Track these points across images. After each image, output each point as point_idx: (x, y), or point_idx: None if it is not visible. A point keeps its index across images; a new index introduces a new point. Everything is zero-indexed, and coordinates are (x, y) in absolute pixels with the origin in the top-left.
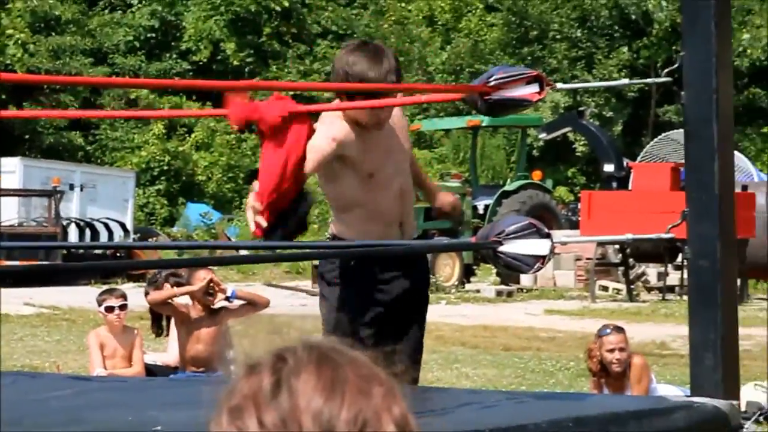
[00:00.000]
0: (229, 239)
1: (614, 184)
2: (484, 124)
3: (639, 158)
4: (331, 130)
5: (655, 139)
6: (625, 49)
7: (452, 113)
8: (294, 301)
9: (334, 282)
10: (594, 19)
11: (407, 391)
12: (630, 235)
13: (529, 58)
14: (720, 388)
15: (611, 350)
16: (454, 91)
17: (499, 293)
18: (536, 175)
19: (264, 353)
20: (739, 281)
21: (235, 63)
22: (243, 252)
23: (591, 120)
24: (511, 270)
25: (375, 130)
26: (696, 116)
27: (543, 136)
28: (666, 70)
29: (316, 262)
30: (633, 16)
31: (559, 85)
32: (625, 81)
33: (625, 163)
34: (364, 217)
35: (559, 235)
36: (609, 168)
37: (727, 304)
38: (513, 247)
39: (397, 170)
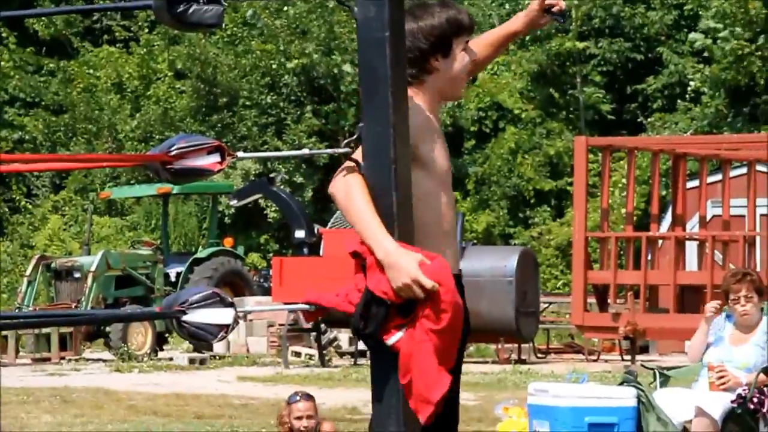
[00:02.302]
0: None
1: (306, 250)
2: (174, 192)
3: (330, 224)
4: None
5: None
6: (311, 114)
7: (143, 180)
8: None
9: None
10: (283, 85)
11: None
12: None
13: (219, 125)
14: None
15: (299, 417)
16: (136, 161)
17: (192, 361)
18: (228, 242)
19: None
20: None
21: None
22: None
23: (281, 186)
24: (195, 339)
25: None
26: (375, 186)
27: (234, 202)
28: (345, 141)
29: None
30: (321, 81)
31: (240, 154)
32: (306, 151)
33: (316, 230)
34: (445, 230)
35: (250, 301)
36: (300, 234)
37: None
38: (197, 317)
39: (450, 171)
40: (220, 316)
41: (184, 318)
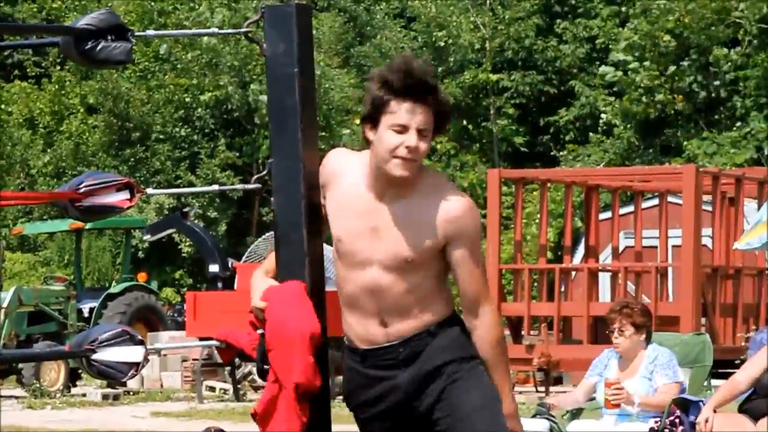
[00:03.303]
0: None
1: (220, 285)
2: (87, 227)
3: (244, 258)
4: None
5: (259, 239)
6: (224, 147)
7: (56, 216)
8: None
9: None
10: (197, 119)
11: None
12: None
13: (132, 159)
14: None
15: None
16: (44, 198)
17: (105, 397)
18: (141, 277)
19: None
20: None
21: None
22: None
23: (195, 220)
24: (105, 378)
25: (378, 191)
26: (285, 221)
27: (147, 237)
28: (255, 177)
29: None
30: (235, 114)
31: (150, 191)
32: (216, 187)
33: (230, 264)
34: (344, 302)
35: (165, 336)
36: (214, 268)
37: (321, 401)
38: (106, 355)
39: (377, 258)
40: (130, 354)
41: (94, 357)
